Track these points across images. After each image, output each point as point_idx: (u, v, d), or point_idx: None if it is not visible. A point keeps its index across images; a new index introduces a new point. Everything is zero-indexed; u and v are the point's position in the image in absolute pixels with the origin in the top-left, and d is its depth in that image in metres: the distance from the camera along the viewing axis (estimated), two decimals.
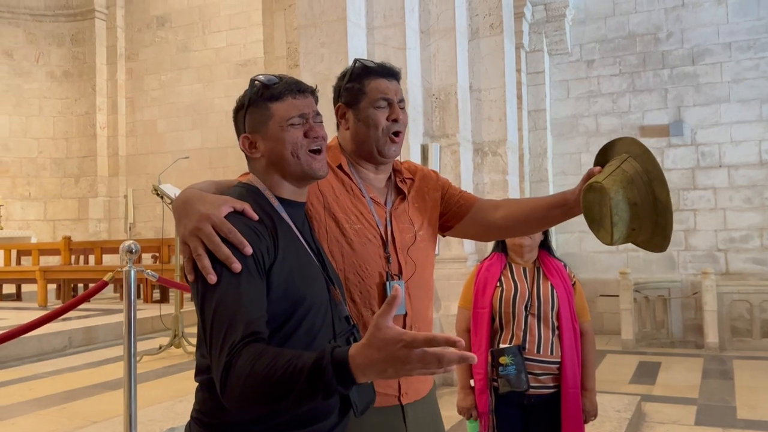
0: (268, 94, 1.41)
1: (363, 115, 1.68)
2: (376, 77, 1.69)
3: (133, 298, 2.63)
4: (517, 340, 2.51)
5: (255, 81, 1.44)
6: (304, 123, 1.42)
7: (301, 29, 4.69)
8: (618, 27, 8.58)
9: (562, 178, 8.74)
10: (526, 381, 2.45)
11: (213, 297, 1.25)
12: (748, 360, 6.80)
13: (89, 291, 2.63)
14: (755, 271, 7.89)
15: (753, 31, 7.98)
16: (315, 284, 1.40)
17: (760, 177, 7.94)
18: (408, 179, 1.81)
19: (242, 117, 1.45)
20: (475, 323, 2.60)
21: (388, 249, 1.69)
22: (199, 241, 1.26)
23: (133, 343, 2.69)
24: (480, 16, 5.10)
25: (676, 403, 5.24)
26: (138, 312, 6.42)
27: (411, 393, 1.71)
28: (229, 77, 11.24)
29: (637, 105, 8.48)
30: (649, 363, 6.76)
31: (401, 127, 1.70)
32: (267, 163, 1.43)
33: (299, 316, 1.34)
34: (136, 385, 2.71)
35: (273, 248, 1.31)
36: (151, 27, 12.04)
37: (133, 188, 11.97)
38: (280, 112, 1.40)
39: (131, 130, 12.17)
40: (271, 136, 1.41)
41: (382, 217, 1.71)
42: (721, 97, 8.11)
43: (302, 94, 1.43)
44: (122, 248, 2.54)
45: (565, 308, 2.55)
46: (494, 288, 2.58)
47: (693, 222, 8.20)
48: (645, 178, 1.45)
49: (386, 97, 1.68)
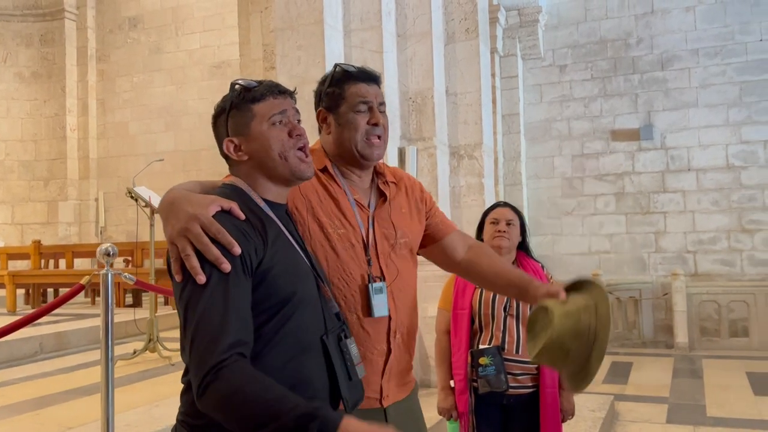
0: (250, 97, 1.43)
1: (343, 120, 1.69)
2: (356, 82, 1.70)
3: (111, 302, 2.61)
4: (497, 341, 2.54)
5: (235, 85, 1.46)
6: (286, 122, 1.44)
7: (278, 32, 4.68)
8: (590, 32, 8.73)
9: (536, 182, 8.86)
10: (505, 381, 2.48)
11: (200, 298, 1.25)
12: (717, 359, 6.96)
13: (65, 295, 2.59)
14: (723, 272, 8.08)
15: (719, 37, 8.19)
16: (305, 281, 1.41)
17: (726, 180, 8.13)
18: (391, 182, 1.82)
19: (224, 121, 1.46)
20: (454, 324, 2.63)
21: (369, 252, 1.69)
22: (188, 242, 1.26)
23: (110, 347, 2.66)
24: (456, 20, 5.15)
25: (647, 402, 5.34)
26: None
27: (391, 396, 1.72)
28: (203, 79, 11.14)
29: (608, 109, 8.63)
30: (622, 363, 6.88)
31: (381, 131, 1.71)
32: (253, 164, 1.44)
33: (288, 311, 1.35)
34: (113, 390, 2.68)
35: (262, 246, 1.32)
36: (123, 28, 11.88)
37: (105, 191, 11.80)
38: (262, 111, 1.42)
39: (102, 133, 11.99)
40: (255, 137, 1.42)
41: (364, 220, 1.72)
42: (690, 102, 8.29)
43: (282, 95, 1.46)
44: (99, 251, 2.52)
45: None
46: (474, 289, 2.61)
47: (663, 224, 8.36)
48: (592, 338, 1.47)
49: (366, 100, 1.69)
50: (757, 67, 8.03)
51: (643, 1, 8.49)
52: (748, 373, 6.24)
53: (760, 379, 6.00)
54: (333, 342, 1.46)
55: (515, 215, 2.68)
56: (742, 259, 8.04)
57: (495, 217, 2.66)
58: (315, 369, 1.41)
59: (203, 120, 11.12)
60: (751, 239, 8.01)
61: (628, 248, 8.52)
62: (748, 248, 8.02)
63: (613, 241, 8.59)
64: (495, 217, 2.66)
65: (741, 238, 8.05)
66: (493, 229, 2.64)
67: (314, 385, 1.40)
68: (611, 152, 8.62)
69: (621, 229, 8.55)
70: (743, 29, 8.10)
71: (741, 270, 8.02)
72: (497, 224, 2.63)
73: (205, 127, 11.18)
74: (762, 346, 7.28)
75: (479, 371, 2.50)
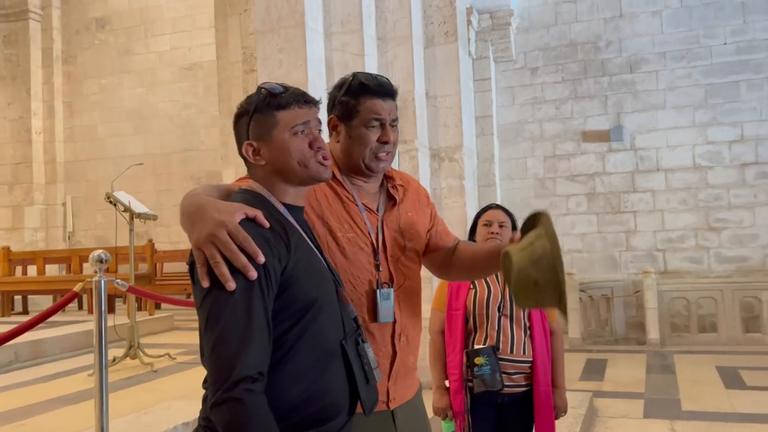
0: (275, 103, 1.43)
1: (354, 133, 1.70)
2: (371, 96, 1.69)
3: (104, 308, 2.58)
4: (491, 340, 2.58)
5: (262, 89, 1.46)
6: (308, 133, 1.45)
7: (258, 34, 4.66)
8: (560, 35, 8.88)
9: (509, 182, 8.97)
10: (500, 380, 2.53)
11: (224, 309, 1.26)
12: (688, 354, 7.14)
13: (61, 302, 2.56)
14: (691, 269, 8.30)
15: (685, 41, 8.41)
16: (325, 285, 1.43)
17: (694, 180, 8.35)
18: (399, 186, 1.84)
19: (246, 123, 1.46)
20: (449, 325, 2.66)
21: (378, 257, 1.72)
22: (215, 248, 1.27)
23: (104, 353, 2.63)
24: (435, 24, 5.20)
25: (624, 398, 5.46)
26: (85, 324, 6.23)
27: (398, 398, 1.75)
28: (174, 81, 11.00)
29: (579, 111, 8.79)
30: (596, 360, 7.02)
31: (390, 148, 1.72)
32: (271, 170, 1.45)
33: (311, 316, 1.37)
34: (108, 397, 2.65)
35: (286, 253, 1.34)
36: (90, 29, 11.66)
37: (72, 195, 11.58)
38: (286, 119, 1.43)
39: (69, 136, 11.75)
40: (276, 144, 1.43)
41: (374, 225, 1.74)
42: (658, 103, 8.50)
43: (307, 105, 1.46)
44: (92, 257, 2.49)
45: (536, 309, 2.65)
46: (467, 290, 2.65)
47: (633, 223, 8.55)
48: (551, 260, 1.53)
49: (379, 117, 1.69)
50: (721, 70, 8.27)
51: (612, 5, 8.68)
52: (718, 367, 6.42)
53: (729, 372, 6.18)
54: (351, 346, 1.48)
55: (507, 217, 2.73)
56: (710, 256, 8.26)
57: (488, 219, 2.70)
58: (335, 373, 1.43)
59: (174, 123, 11.00)
60: (718, 237, 8.24)
61: (599, 247, 8.69)
62: (715, 246, 8.25)
63: (585, 241, 8.75)
64: (488, 219, 2.71)
65: (708, 236, 8.28)
66: (486, 231, 2.68)
67: (335, 389, 1.42)
68: (582, 153, 8.78)
69: (592, 228, 8.72)
70: (708, 33, 8.34)
71: (708, 267, 8.24)
72: (490, 226, 2.68)
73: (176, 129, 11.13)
74: (729, 340, 7.49)
75: (474, 371, 2.54)
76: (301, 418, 1.35)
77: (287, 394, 1.34)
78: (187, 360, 4.91)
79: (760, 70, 8.15)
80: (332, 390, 1.41)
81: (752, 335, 7.51)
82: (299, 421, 1.35)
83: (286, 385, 1.34)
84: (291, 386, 1.35)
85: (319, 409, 1.38)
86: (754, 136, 8.17)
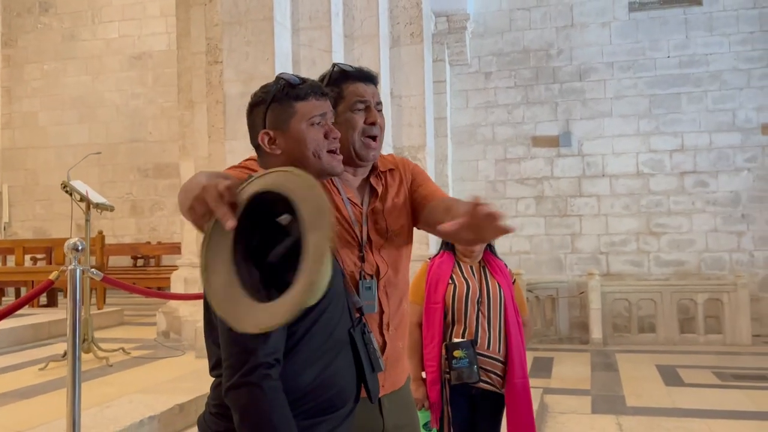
0: (294, 93, 1.45)
1: (341, 119, 1.72)
2: (353, 81, 1.74)
3: (78, 299, 2.51)
4: (470, 334, 2.66)
5: (280, 79, 1.47)
6: (323, 124, 1.48)
7: (225, 26, 4.61)
8: (514, 42, 9.10)
9: (461, 184, 9.13)
10: (477, 373, 2.61)
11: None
12: (628, 353, 7.44)
13: (34, 291, 2.47)
14: (632, 272, 8.65)
15: (632, 52, 8.76)
16: (335, 274, 1.45)
17: (637, 186, 8.71)
18: (385, 171, 1.85)
19: (262, 112, 1.47)
20: (427, 318, 2.72)
21: (363, 249, 1.74)
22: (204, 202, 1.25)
23: (77, 345, 2.56)
24: (401, 24, 5.27)
25: (572, 395, 5.65)
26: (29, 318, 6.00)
27: (388, 385, 1.79)
28: (122, 70, 10.70)
29: (530, 116, 9.03)
30: (543, 358, 7.23)
31: (377, 130, 1.76)
32: (285, 159, 1.46)
33: (323, 305, 1.39)
34: (80, 388, 2.58)
35: None
36: (33, 12, 11.21)
37: (9, 185, 11.10)
38: (304, 110, 1.45)
39: (8, 122, 11.25)
40: (293, 134, 1.45)
41: (358, 218, 1.76)
42: (605, 111, 8.82)
43: (323, 97, 1.49)
44: (67, 246, 2.42)
45: (510, 304, 2.75)
46: (446, 285, 2.71)
47: (579, 227, 8.85)
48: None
49: (364, 99, 1.73)
50: (665, 82, 8.65)
51: (564, 14, 8.95)
52: (657, 365, 6.72)
53: (667, 370, 6.48)
54: (359, 335, 1.51)
55: None
56: (649, 260, 8.63)
57: None
58: (344, 361, 1.46)
59: (121, 112, 10.69)
60: (658, 242, 8.62)
61: (546, 249, 8.95)
62: (655, 250, 8.63)
63: (533, 242, 8.99)
64: None
65: (648, 240, 8.65)
66: None
67: (344, 377, 1.45)
68: (532, 157, 9.02)
69: (540, 230, 8.97)
70: (653, 46, 8.71)
71: (648, 270, 8.61)
72: None
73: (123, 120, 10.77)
74: (667, 340, 7.85)
75: (453, 363, 2.61)
76: (312, 405, 1.38)
77: (299, 382, 1.36)
78: (142, 354, 4.80)
79: (700, 84, 8.57)
80: (341, 377, 1.44)
81: (687, 335, 7.89)
82: (310, 408, 1.38)
83: (298, 373, 1.36)
84: (302, 374, 1.37)
85: (329, 397, 1.41)
86: (693, 146, 8.58)
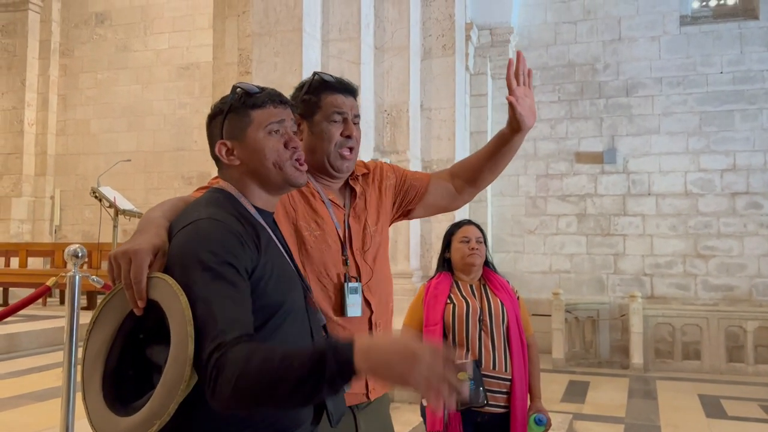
0: (250, 102, 1.40)
1: (317, 129, 1.71)
2: (332, 92, 1.72)
3: (77, 304, 2.52)
4: (473, 355, 2.54)
5: (237, 88, 1.43)
6: (283, 132, 1.41)
7: (255, 37, 4.65)
8: (559, 56, 8.90)
9: (501, 199, 8.96)
10: (484, 395, 2.48)
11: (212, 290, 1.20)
12: (670, 381, 7.10)
13: (33, 295, 2.50)
14: (677, 295, 8.29)
15: (682, 68, 8.45)
16: (294, 290, 1.39)
17: (684, 206, 8.36)
18: (360, 175, 1.85)
19: (220, 123, 1.43)
20: (427, 341, 2.61)
21: (346, 252, 1.72)
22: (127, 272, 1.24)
23: (74, 351, 2.57)
24: (433, 36, 5.20)
25: (605, 422, 5.41)
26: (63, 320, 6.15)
27: (378, 388, 1.76)
28: (170, 80, 10.97)
29: (573, 132, 8.80)
30: (579, 382, 6.97)
31: (353, 143, 1.74)
32: (244, 170, 1.41)
33: (276, 322, 1.32)
34: (75, 395, 2.58)
35: (256, 253, 1.30)
36: (89, 23, 11.63)
37: (61, 189, 11.49)
38: (260, 118, 1.40)
39: (62, 129, 11.67)
40: (249, 143, 1.40)
41: (341, 220, 1.75)
42: (652, 128, 8.52)
43: (282, 105, 1.43)
44: (67, 252, 2.43)
45: (513, 323, 2.62)
46: (444, 304, 2.61)
47: (622, 247, 8.54)
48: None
49: (341, 111, 1.71)
50: (717, 99, 8.30)
51: (611, 28, 8.71)
52: (700, 395, 6.39)
53: (711, 401, 6.15)
54: None
55: (481, 233, 2.71)
56: (696, 283, 8.26)
57: (466, 236, 2.68)
58: None
59: (168, 121, 10.95)
60: (706, 265, 8.24)
61: (587, 269, 8.67)
62: (702, 273, 8.25)
63: (574, 261, 8.73)
64: (465, 235, 2.68)
65: (696, 263, 8.28)
66: (465, 248, 2.66)
67: None
68: (575, 174, 8.78)
69: (581, 249, 8.70)
70: (705, 61, 8.38)
71: (695, 294, 8.24)
72: (469, 242, 2.66)
73: (170, 128, 11.08)
74: (713, 369, 7.47)
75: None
76: (262, 426, 1.30)
77: None
78: None
79: (755, 101, 8.19)
80: None
81: (735, 365, 7.49)
82: (260, 429, 1.30)
83: None
84: None
85: (278, 419, 1.33)
86: (746, 166, 8.19)
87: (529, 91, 1.78)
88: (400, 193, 1.90)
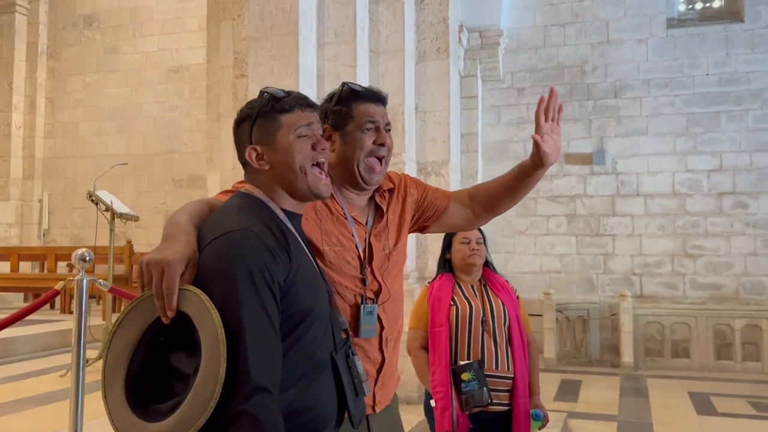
0: (279, 107, 1.43)
1: (350, 138, 1.71)
2: (363, 101, 1.73)
3: (85, 308, 2.53)
4: (476, 356, 2.58)
5: (264, 93, 1.45)
6: (311, 135, 1.44)
7: (252, 41, 4.66)
8: (548, 58, 8.99)
9: None
10: (488, 395, 2.52)
11: (240, 319, 1.24)
12: (660, 379, 7.20)
13: (40, 300, 2.50)
14: (666, 294, 8.40)
15: (669, 70, 8.56)
16: (321, 295, 1.42)
17: (672, 206, 8.48)
18: (387, 191, 1.85)
19: (248, 128, 1.45)
20: (433, 342, 2.64)
21: (365, 271, 1.72)
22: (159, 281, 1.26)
23: (82, 354, 2.58)
24: (427, 39, 5.24)
25: (598, 420, 5.48)
26: (58, 324, 6.12)
27: (383, 401, 1.76)
28: (160, 83, 10.93)
29: (563, 133, 8.72)
30: (571, 381, 7.05)
31: (385, 151, 1.74)
32: (273, 175, 1.44)
33: (305, 327, 1.36)
34: (83, 398, 2.59)
35: (288, 262, 1.33)
36: (77, 26, 11.56)
37: (50, 192, 11.41)
38: (289, 122, 1.42)
39: (50, 132, 11.59)
40: (280, 147, 1.43)
41: (362, 238, 1.74)
42: (640, 129, 8.63)
43: (309, 108, 1.47)
44: (75, 256, 2.44)
45: (515, 322, 2.67)
46: (448, 306, 2.64)
47: (612, 247, 8.64)
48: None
49: (373, 120, 1.72)
50: (703, 100, 8.43)
51: (600, 30, 8.81)
52: (690, 392, 6.48)
53: (701, 398, 6.24)
54: (342, 358, 1.47)
55: (481, 234, 2.75)
56: (685, 282, 8.37)
57: (466, 237, 2.72)
58: (324, 385, 1.41)
59: (158, 124, 10.91)
60: (694, 264, 8.36)
61: (577, 269, 8.76)
62: (691, 272, 8.36)
63: (564, 261, 8.81)
64: (466, 236, 2.72)
65: (684, 262, 8.39)
66: (466, 249, 2.70)
67: (323, 401, 1.40)
68: (564, 175, 8.86)
69: (571, 249, 8.79)
70: (691, 63, 8.50)
71: (683, 293, 8.35)
72: (469, 243, 2.70)
73: (160, 131, 11.00)
74: (702, 366, 7.58)
75: (462, 387, 2.52)
76: (288, 429, 1.33)
77: None
78: None
79: (741, 102, 8.32)
80: (321, 402, 1.40)
81: (724, 362, 7.61)
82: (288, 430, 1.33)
83: None
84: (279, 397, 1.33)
85: (306, 421, 1.36)
86: (732, 167, 8.32)
87: (556, 128, 1.75)
88: (420, 209, 1.91)
